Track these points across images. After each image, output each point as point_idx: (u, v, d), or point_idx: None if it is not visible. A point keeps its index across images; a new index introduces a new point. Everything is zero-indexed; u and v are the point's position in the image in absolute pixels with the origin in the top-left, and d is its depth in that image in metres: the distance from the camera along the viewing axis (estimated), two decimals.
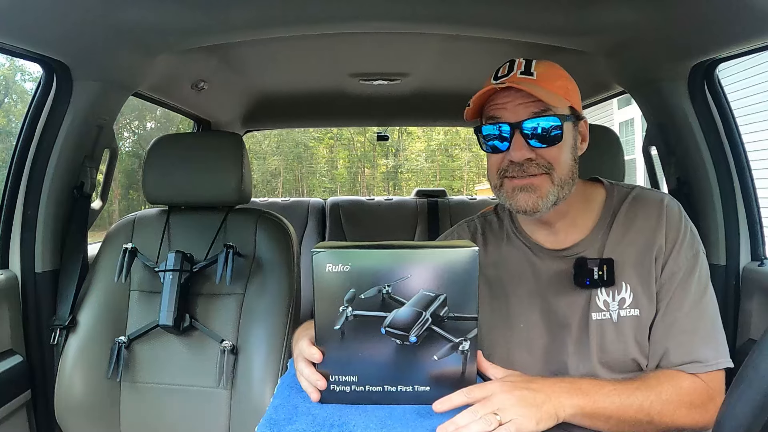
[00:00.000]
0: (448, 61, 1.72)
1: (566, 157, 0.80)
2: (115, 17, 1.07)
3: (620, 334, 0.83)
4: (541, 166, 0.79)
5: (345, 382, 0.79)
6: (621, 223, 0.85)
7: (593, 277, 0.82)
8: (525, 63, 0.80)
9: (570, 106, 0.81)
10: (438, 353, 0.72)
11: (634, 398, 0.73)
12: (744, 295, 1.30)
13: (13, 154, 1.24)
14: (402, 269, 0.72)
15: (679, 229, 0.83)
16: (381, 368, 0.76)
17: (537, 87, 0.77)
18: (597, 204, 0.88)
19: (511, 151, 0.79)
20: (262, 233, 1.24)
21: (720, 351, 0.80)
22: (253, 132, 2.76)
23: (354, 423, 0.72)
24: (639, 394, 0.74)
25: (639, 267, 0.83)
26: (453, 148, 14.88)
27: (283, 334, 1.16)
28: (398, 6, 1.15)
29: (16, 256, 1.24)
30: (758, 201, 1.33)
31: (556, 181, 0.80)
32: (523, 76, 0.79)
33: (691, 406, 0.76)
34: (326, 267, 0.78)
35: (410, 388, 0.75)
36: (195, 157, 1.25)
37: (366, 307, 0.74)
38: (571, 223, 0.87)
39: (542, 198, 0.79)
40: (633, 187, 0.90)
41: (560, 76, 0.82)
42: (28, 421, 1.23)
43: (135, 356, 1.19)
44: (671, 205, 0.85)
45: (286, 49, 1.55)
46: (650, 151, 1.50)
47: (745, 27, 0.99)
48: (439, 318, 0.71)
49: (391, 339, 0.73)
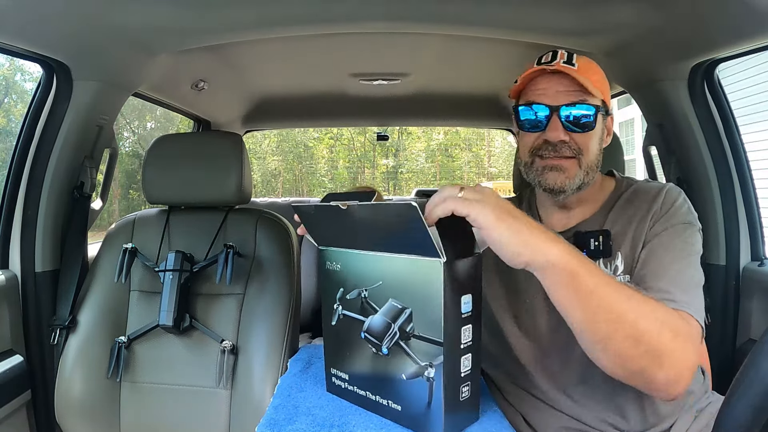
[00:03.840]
0: (449, 62, 1.72)
1: (594, 145, 0.85)
2: (115, 17, 1.07)
3: None
4: (572, 149, 0.84)
5: (341, 377, 0.80)
6: (621, 205, 0.89)
7: (590, 248, 0.85)
8: (567, 54, 0.85)
9: (602, 100, 0.85)
10: (406, 372, 0.68)
11: (624, 292, 0.67)
12: (744, 295, 1.30)
13: (13, 154, 1.24)
14: (377, 274, 0.70)
15: (674, 203, 0.85)
16: (364, 373, 0.75)
17: (580, 76, 0.81)
18: (606, 192, 0.92)
19: (547, 132, 0.83)
20: (262, 233, 1.24)
21: (697, 307, 0.75)
22: (253, 132, 2.76)
23: (354, 423, 0.72)
24: (631, 293, 0.67)
25: (631, 235, 0.85)
26: (453, 148, 14.88)
27: (283, 334, 1.16)
28: (398, 6, 1.15)
29: (16, 256, 1.24)
30: (758, 201, 1.33)
31: (583, 165, 0.84)
32: (566, 66, 0.83)
33: (676, 333, 0.69)
34: (326, 264, 0.78)
35: (385, 402, 0.72)
36: (195, 157, 1.25)
37: (351, 308, 0.74)
38: (584, 209, 0.91)
39: (570, 179, 0.84)
40: (641, 180, 0.94)
41: (597, 71, 0.87)
42: (28, 421, 1.22)
43: (135, 356, 1.19)
44: (672, 189, 0.87)
45: (286, 49, 1.55)
46: (650, 151, 1.50)
47: (745, 27, 0.99)
48: (406, 333, 0.67)
49: (368, 345, 0.73)
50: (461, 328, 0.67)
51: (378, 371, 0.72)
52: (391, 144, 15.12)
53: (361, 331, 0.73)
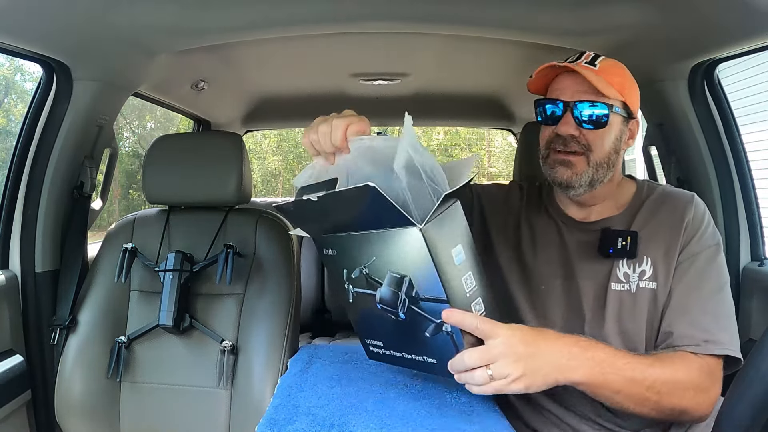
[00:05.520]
0: (449, 62, 1.72)
1: (606, 144, 0.87)
2: (115, 17, 1.07)
3: (636, 305, 0.86)
4: (581, 144, 0.87)
5: (375, 345, 0.81)
6: (649, 209, 0.90)
7: (617, 246, 0.87)
8: (593, 56, 0.88)
9: (623, 102, 0.87)
10: (428, 331, 0.71)
11: (647, 374, 0.73)
12: (744, 295, 1.30)
13: (13, 154, 1.23)
14: (369, 252, 0.71)
15: (703, 220, 0.88)
16: (394, 338, 0.77)
17: (594, 75, 0.84)
18: (628, 194, 0.94)
19: (560, 125, 0.87)
20: (262, 233, 1.24)
21: (735, 343, 0.81)
22: (253, 132, 2.75)
23: (354, 423, 0.72)
24: (652, 371, 0.74)
25: (662, 243, 0.87)
26: (453, 148, 14.87)
27: (283, 334, 1.16)
28: (398, 6, 1.15)
29: (16, 256, 1.24)
30: (758, 201, 1.33)
31: (591, 162, 0.87)
32: (587, 66, 0.86)
33: (698, 389, 0.77)
34: (323, 251, 0.80)
35: (421, 358, 0.75)
36: (195, 157, 1.25)
37: (360, 285, 0.76)
38: (604, 207, 0.93)
39: (577, 174, 0.87)
40: (663, 185, 0.97)
41: (621, 74, 0.89)
42: (28, 421, 1.22)
43: (135, 356, 1.19)
44: (698, 202, 0.90)
45: (286, 49, 1.55)
46: (650, 151, 1.50)
47: (745, 27, 0.99)
48: (413, 298, 0.70)
49: (387, 314, 0.74)
50: (461, 279, 0.68)
51: (405, 333, 0.74)
52: None
53: (376, 303, 0.74)
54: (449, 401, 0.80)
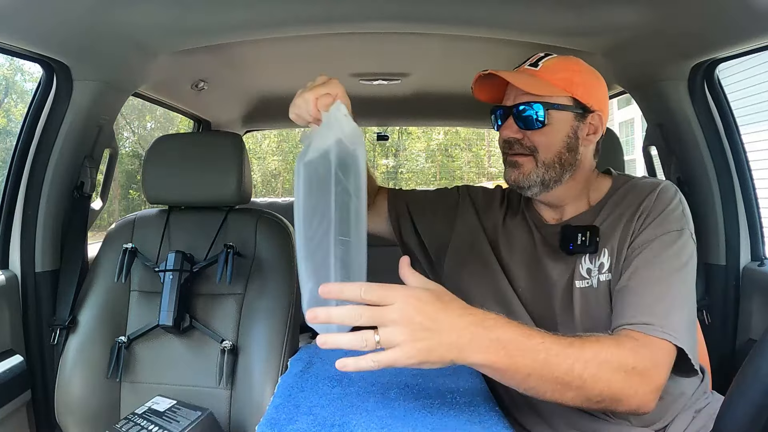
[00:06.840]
0: (449, 62, 1.72)
1: (553, 143, 0.86)
2: (115, 17, 1.07)
3: (600, 299, 0.84)
4: (525, 147, 0.86)
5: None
6: (614, 202, 0.88)
7: (576, 242, 0.86)
8: (541, 57, 0.88)
9: (573, 98, 0.85)
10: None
11: (563, 356, 0.66)
12: (744, 295, 1.30)
13: (13, 155, 1.23)
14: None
15: (666, 206, 0.83)
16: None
17: (527, 77, 0.84)
18: (602, 190, 0.92)
19: (501, 130, 0.89)
20: (262, 233, 1.24)
21: (680, 331, 0.74)
22: (253, 132, 2.75)
23: (354, 423, 0.72)
24: (571, 351, 0.67)
25: (618, 233, 0.84)
26: (453, 148, 14.87)
27: (283, 334, 1.16)
28: (398, 6, 1.15)
29: (16, 256, 1.24)
30: (758, 201, 1.33)
31: (539, 162, 0.86)
32: (529, 68, 0.86)
33: (631, 372, 0.69)
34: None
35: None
36: (195, 157, 1.25)
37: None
38: (576, 206, 0.92)
39: (524, 175, 0.87)
40: (637, 177, 0.93)
41: (567, 69, 0.87)
42: (28, 421, 1.22)
43: (135, 356, 1.19)
44: (666, 188, 0.85)
45: (286, 49, 1.55)
46: (650, 151, 1.50)
47: (745, 27, 0.99)
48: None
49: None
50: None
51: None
52: (391, 144, 15.08)
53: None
54: (449, 401, 0.80)
